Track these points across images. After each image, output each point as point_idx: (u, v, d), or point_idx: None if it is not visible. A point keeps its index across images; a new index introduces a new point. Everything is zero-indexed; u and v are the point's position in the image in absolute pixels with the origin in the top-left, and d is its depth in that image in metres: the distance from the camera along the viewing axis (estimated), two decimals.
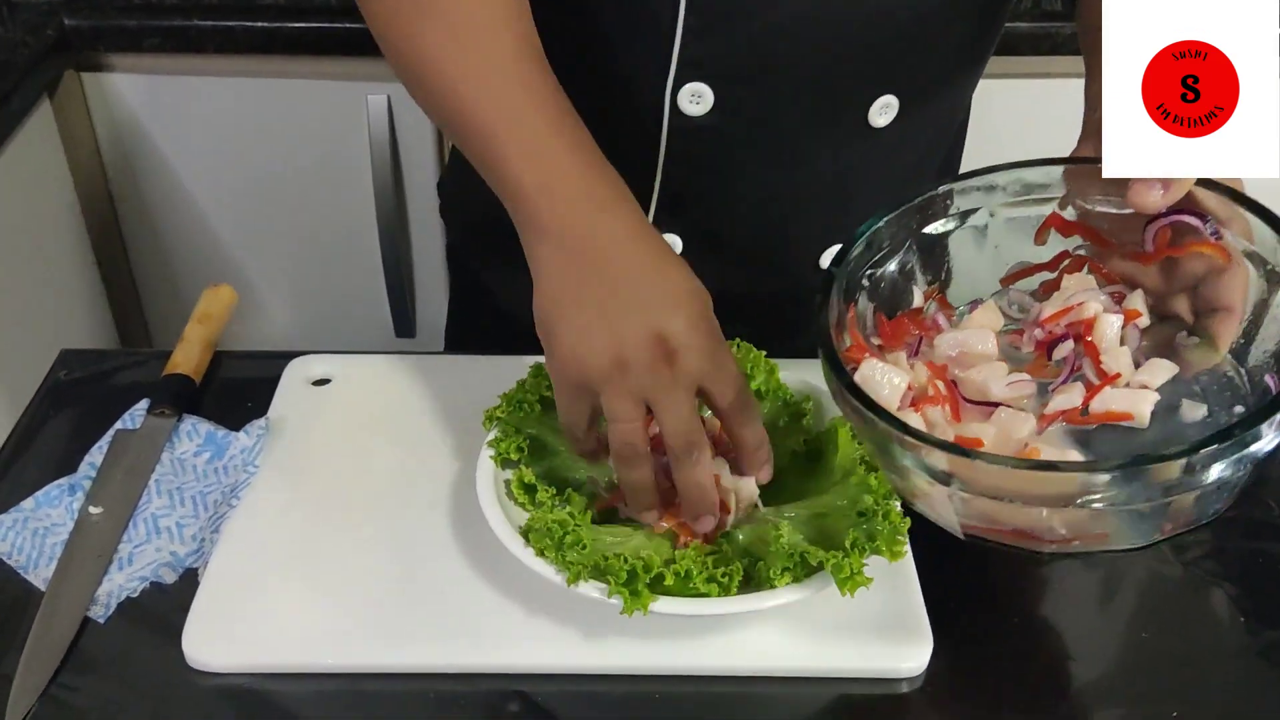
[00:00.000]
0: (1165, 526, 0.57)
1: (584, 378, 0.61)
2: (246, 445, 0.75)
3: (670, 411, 0.60)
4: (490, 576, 0.67)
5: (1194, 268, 0.60)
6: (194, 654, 0.63)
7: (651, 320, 0.60)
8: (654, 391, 0.60)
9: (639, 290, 0.61)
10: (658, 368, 0.60)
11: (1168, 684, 0.64)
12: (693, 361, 0.60)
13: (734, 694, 0.63)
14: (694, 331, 0.61)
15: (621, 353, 0.60)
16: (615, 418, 0.61)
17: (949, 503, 0.57)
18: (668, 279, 0.63)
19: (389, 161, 1.40)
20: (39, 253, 1.37)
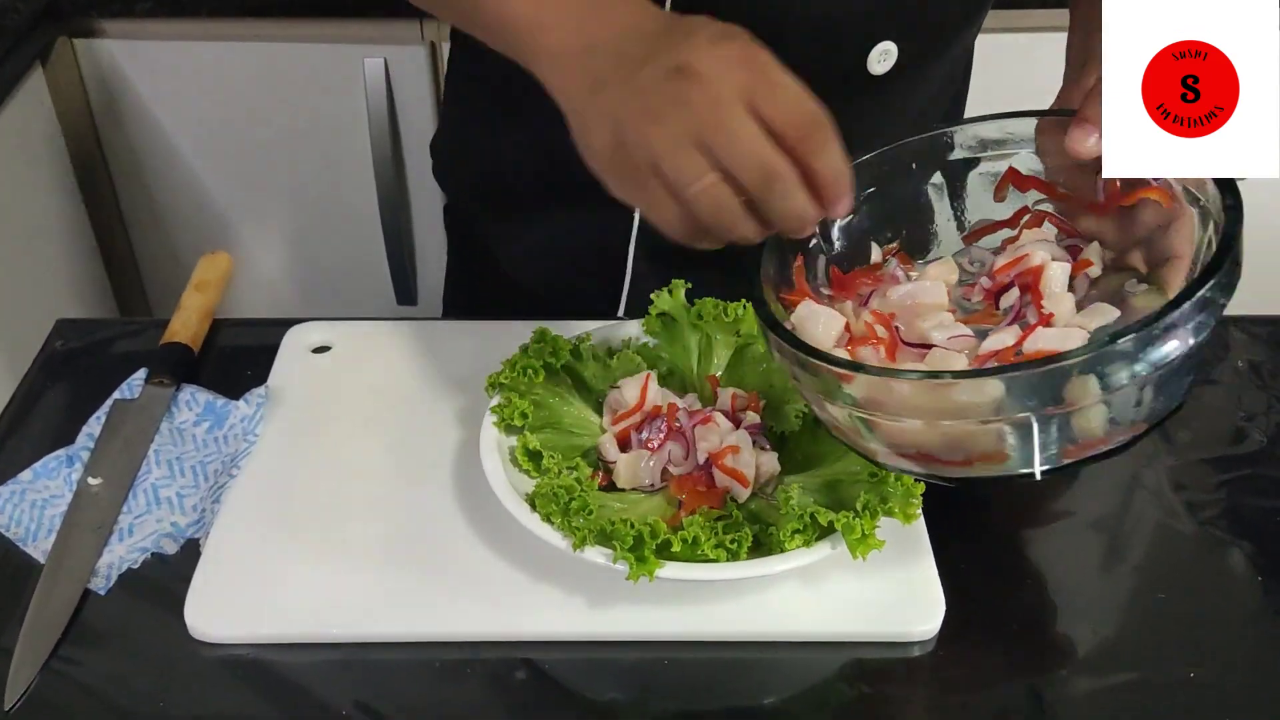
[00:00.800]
0: (1068, 449, 0.55)
1: (629, 162, 0.53)
2: (246, 414, 0.74)
3: (728, 141, 0.50)
4: (495, 543, 0.66)
5: (1146, 219, 0.60)
6: (196, 625, 0.62)
7: (666, 59, 0.52)
8: (700, 127, 0.50)
9: (648, 44, 0.54)
10: (689, 96, 0.51)
11: (1182, 645, 0.64)
12: (729, 75, 0.51)
13: (744, 659, 0.62)
14: (720, 44, 0.52)
15: (645, 104, 0.52)
16: (683, 182, 0.51)
17: (857, 428, 0.57)
18: (678, 25, 0.55)
19: (387, 125, 1.38)
20: (34, 222, 1.36)
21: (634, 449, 0.68)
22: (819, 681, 0.63)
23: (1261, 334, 0.84)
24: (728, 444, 0.66)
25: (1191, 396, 0.77)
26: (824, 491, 0.65)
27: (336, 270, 1.55)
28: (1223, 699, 0.61)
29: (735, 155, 0.50)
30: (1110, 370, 0.51)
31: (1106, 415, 0.54)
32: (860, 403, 0.55)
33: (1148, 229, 0.59)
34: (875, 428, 0.57)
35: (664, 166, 0.51)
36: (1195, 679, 0.62)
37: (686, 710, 0.61)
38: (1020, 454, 0.55)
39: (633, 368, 0.73)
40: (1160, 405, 0.55)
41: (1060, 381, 0.51)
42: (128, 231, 1.51)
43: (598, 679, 0.62)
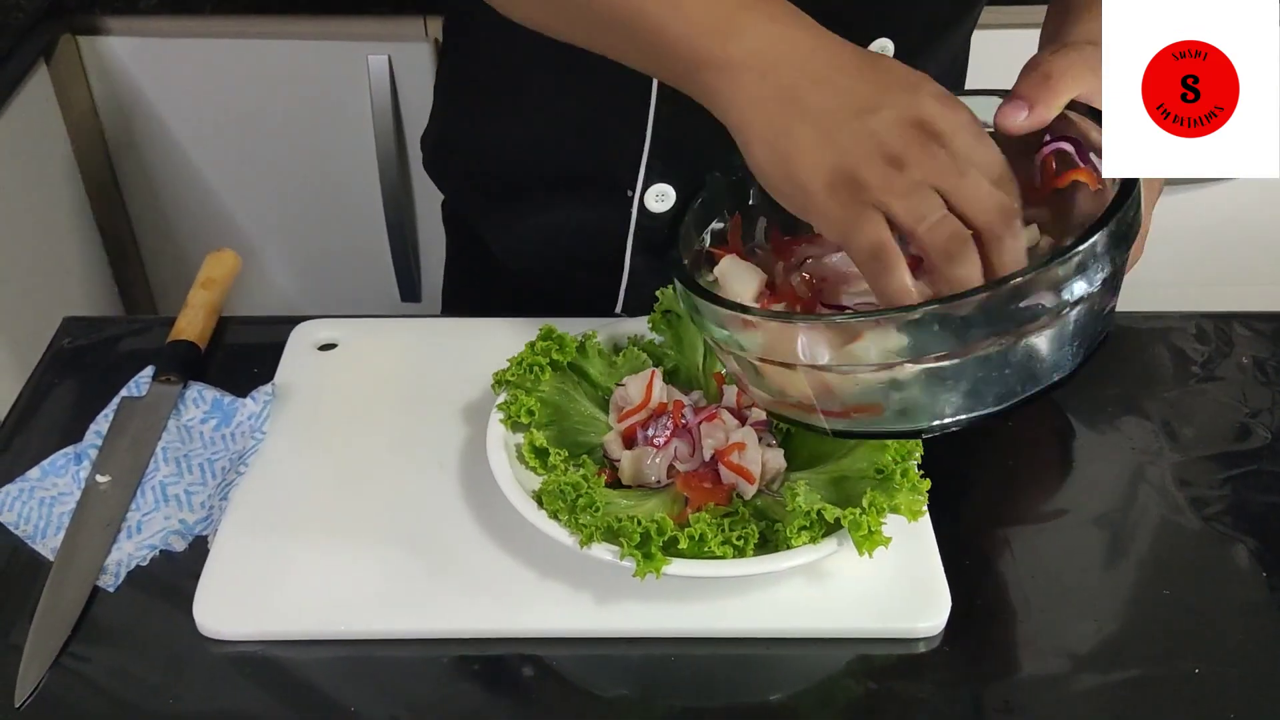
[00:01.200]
0: (943, 410, 0.56)
1: (861, 197, 0.53)
2: (253, 411, 0.74)
3: (970, 190, 0.53)
4: (502, 540, 0.66)
5: (1081, 204, 0.60)
6: (205, 622, 0.63)
7: (899, 111, 0.54)
8: (943, 177, 0.53)
9: (866, 87, 0.55)
10: (932, 151, 0.53)
11: (1188, 641, 0.64)
12: (963, 136, 0.54)
13: (750, 656, 0.63)
14: (948, 107, 0.55)
15: (888, 151, 0.53)
16: (920, 217, 0.53)
17: (744, 374, 0.59)
18: (887, 70, 0.56)
19: (391, 122, 1.38)
20: (39, 220, 1.36)
21: (640, 446, 0.68)
22: (825, 678, 0.63)
23: (1265, 330, 0.84)
24: (734, 441, 0.66)
25: (1197, 393, 0.79)
26: (830, 488, 0.65)
27: (341, 267, 1.55)
28: (1227, 694, 0.61)
29: (974, 200, 0.53)
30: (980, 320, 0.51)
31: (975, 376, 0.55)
32: (744, 345, 0.57)
33: (1083, 214, 0.59)
34: (761, 373, 0.58)
35: (899, 205, 0.53)
36: (1200, 674, 0.62)
37: (693, 706, 0.61)
38: (896, 409, 0.56)
39: (638, 365, 0.73)
40: (1047, 370, 0.56)
41: (926, 332, 0.52)
42: (133, 229, 1.51)
43: (604, 675, 0.63)
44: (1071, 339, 0.56)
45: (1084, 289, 0.53)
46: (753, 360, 0.58)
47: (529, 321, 0.75)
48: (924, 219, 0.53)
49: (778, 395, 0.60)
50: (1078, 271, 0.52)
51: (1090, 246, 0.52)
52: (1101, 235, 0.52)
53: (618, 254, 0.86)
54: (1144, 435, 0.76)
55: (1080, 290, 0.53)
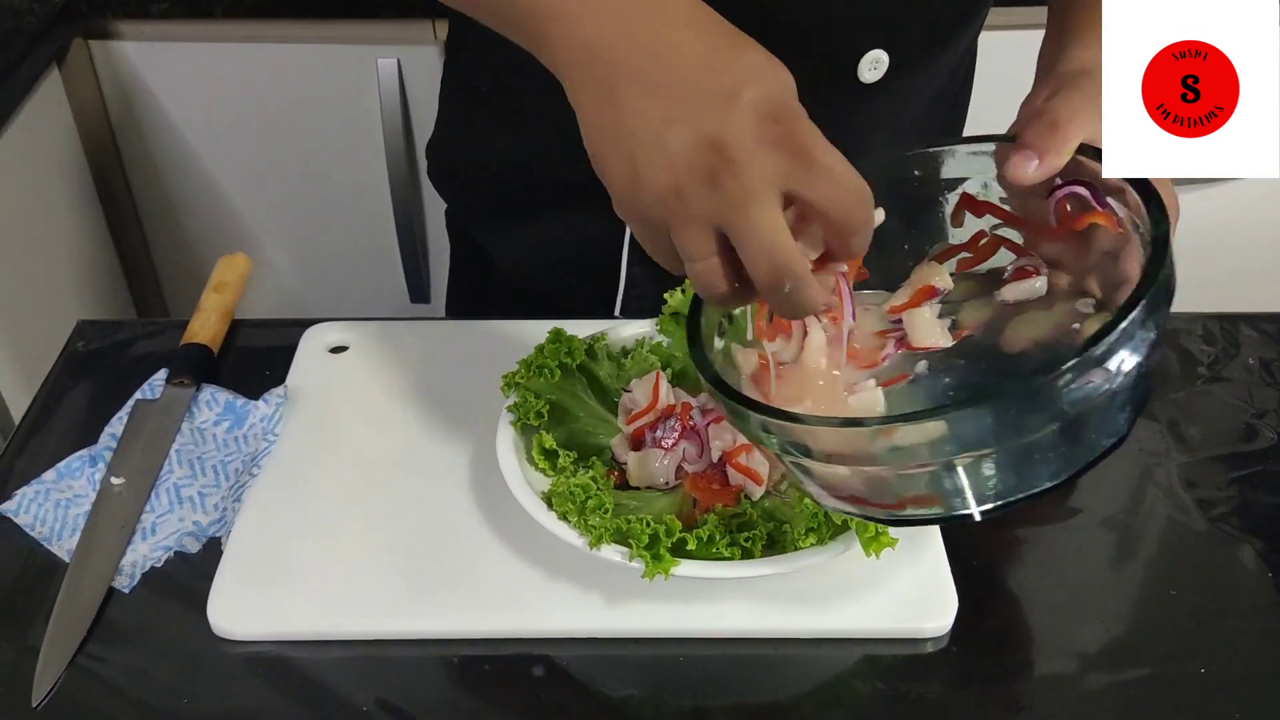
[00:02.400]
0: (1000, 491, 0.54)
1: (643, 213, 0.51)
2: (266, 414, 0.75)
3: (746, 236, 0.49)
4: (512, 542, 0.67)
5: (1099, 244, 0.59)
6: (219, 622, 0.63)
7: (702, 125, 0.49)
8: (722, 214, 0.49)
9: (686, 90, 0.50)
10: (719, 180, 0.48)
11: (1194, 642, 0.64)
12: (763, 163, 0.48)
13: (758, 656, 0.63)
14: (759, 123, 0.49)
15: (671, 175, 0.49)
16: (687, 256, 0.51)
17: (798, 475, 0.57)
18: (724, 65, 0.50)
19: (400, 125, 1.39)
20: (52, 223, 1.37)
21: (648, 448, 0.69)
22: (832, 678, 0.64)
23: (1272, 331, 0.84)
24: (741, 442, 0.67)
25: (1203, 394, 0.79)
26: None
27: (350, 269, 1.56)
28: (1234, 695, 0.61)
29: (749, 249, 0.49)
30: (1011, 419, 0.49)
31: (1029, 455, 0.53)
32: (789, 449, 0.54)
33: (1100, 254, 0.59)
34: (808, 472, 0.56)
35: (674, 234, 0.51)
36: (1206, 675, 0.62)
37: (701, 706, 0.62)
38: (951, 497, 0.54)
39: (647, 367, 0.74)
40: (1100, 439, 0.54)
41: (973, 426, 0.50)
42: (144, 233, 1.52)
43: (613, 676, 0.63)
44: (1125, 403, 0.54)
45: (1134, 359, 0.50)
46: (801, 461, 0.55)
47: (537, 324, 0.75)
48: (691, 259, 0.51)
49: (829, 489, 0.57)
50: (1124, 342, 0.50)
51: (1134, 319, 0.49)
52: (1141, 305, 0.50)
53: (615, 263, 0.86)
54: (1151, 436, 0.76)
55: (1130, 360, 0.50)
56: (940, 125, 0.89)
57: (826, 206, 0.49)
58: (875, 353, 0.61)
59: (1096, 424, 0.53)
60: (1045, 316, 0.60)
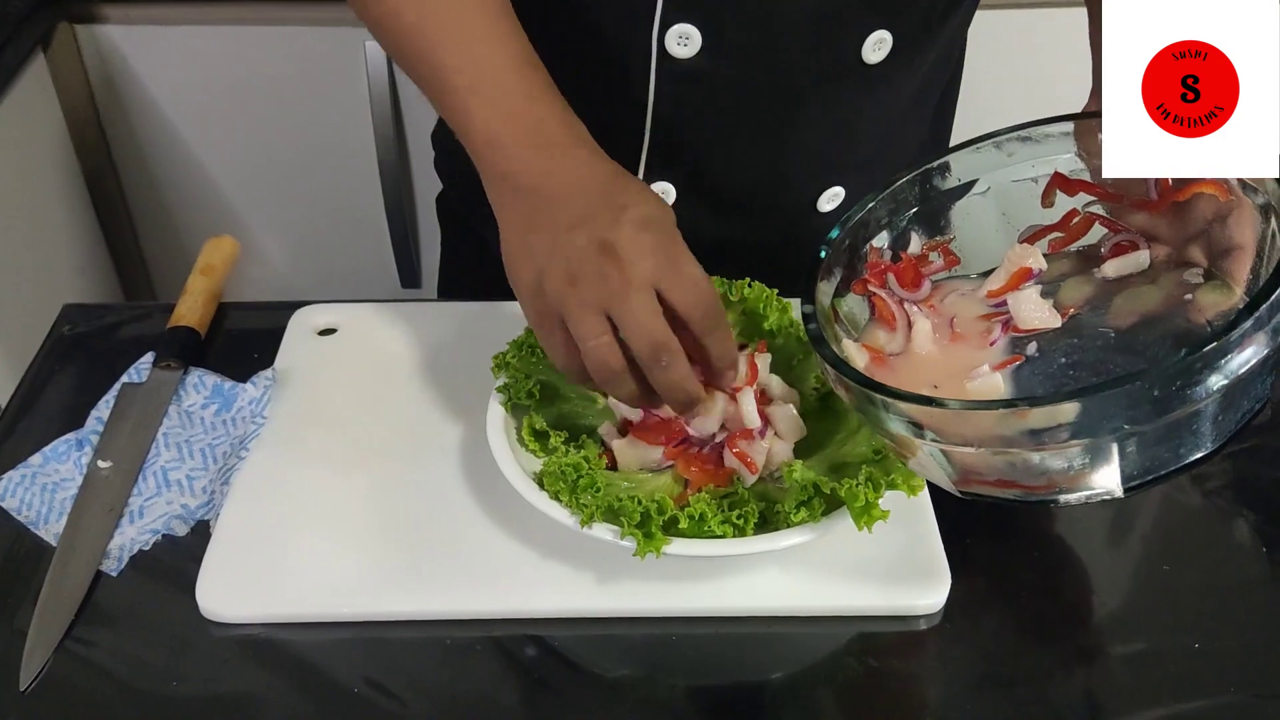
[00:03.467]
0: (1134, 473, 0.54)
1: (545, 306, 0.61)
2: (254, 396, 0.75)
3: (629, 316, 0.58)
4: (503, 522, 0.67)
5: (1202, 211, 0.59)
6: (208, 605, 0.63)
7: (597, 231, 0.59)
8: (609, 300, 0.58)
9: (587, 210, 0.60)
10: (606, 273, 0.58)
11: (1188, 616, 0.64)
12: (642, 262, 0.59)
13: (751, 634, 0.63)
14: (642, 233, 0.59)
15: (569, 268, 0.59)
16: (581, 337, 0.59)
17: (932, 459, 0.56)
18: (617, 193, 0.61)
19: (389, 109, 1.38)
20: (37, 207, 1.36)
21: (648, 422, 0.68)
22: (826, 656, 0.64)
23: None
24: (748, 428, 0.66)
25: None
26: (830, 474, 0.65)
27: (340, 254, 1.55)
28: (1228, 668, 0.61)
29: (631, 327, 0.58)
30: (1178, 387, 0.49)
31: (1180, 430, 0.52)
32: (930, 433, 0.55)
33: (1204, 222, 0.59)
34: (950, 457, 0.56)
35: (570, 321, 0.59)
36: (1201, 649, 0.62)
37: (694, 685, 0.61)
38: (1101, 473, 0.54)
39: None
40: (1247, 404, 0.53)
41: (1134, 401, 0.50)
42: (131, 216, 1.51)
43: (606, 655, 0.63)
44: (1276, 365, 0.53)
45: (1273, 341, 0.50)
46: (939, 447, 0.56)
47: None
48: (583, 340, 0.59)
49: (973, 474, 0.57)
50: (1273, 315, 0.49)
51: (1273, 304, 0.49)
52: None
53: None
54: None
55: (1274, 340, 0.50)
56: (937, 104, 0.89)
57: (688, 308, 0.60)
58: (983, 338, 0.61)
59: (1245, 391, 0.52)
60: (1152, 290, 0.60)
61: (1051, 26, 1.27)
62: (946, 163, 0.66)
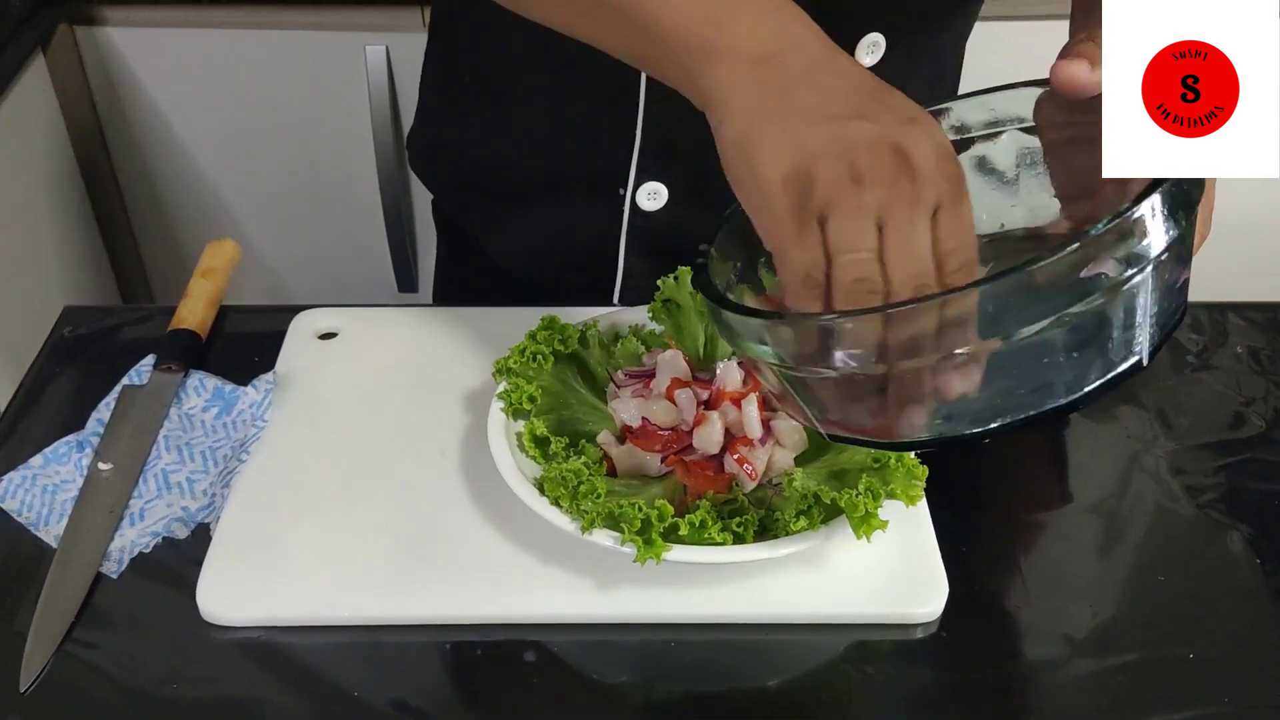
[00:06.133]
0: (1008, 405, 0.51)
1: (808, 194, 0.50)
2: (255, 400, 0.75)
3: (906, 238, 0.50)
4: (503, 527, 0.67)
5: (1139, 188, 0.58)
6: (209, 608, 0.63)
7: (887, 131, 0.51)
8: (893, 209, 0.50)
9: (863, 103, 0.52)
10: (899, 182, 0.50)
11: (1182, 627, 0.64)
12: (937, 184, 0.50)
13: (749, 641, 0.63)
14: (938, 152, 0.51)
15: (855, 163, 0.50)
16: (847, 246, 0.50)
17: (787, 389, 0.54)
18: (892, 98, 0.53)
19: (388, 113, 1.38)
20: (36, 209, 1.36)
21: None
22: (823, 663, 0.64)
23: (1260, 320, 0.85)
24: (743, 435, 0.66)
25: (1192, 382, 0.79)
26: (829, 482, 0.65)
27: (337, 257, 1.55)
28: (1221, 679, 0.62)
29: (905, 254, 0.50)
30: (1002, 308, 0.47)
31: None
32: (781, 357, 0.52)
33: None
34: (806, 387, 0.54)
35: (838, 222, 0.50)
36: (1195, 659, 0.62)
37: (692, 692, 0.62)
38: (956, 409, 0.51)
39: (636, 353, 0.74)
40: (1115, 355, 0.51)
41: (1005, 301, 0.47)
42: (130, 219, 1.51)
43: (605, 661, 0.63)
44: (1146, 317, 0.50)
45: (1154, 249, 0.48)
46: (795, 373, 0.53)
47: (529, 311, 0.75)
48: (847, 249, 0.50)
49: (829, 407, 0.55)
50: (1140, 235, 0.48)
51: (1151, 203, 0.48)
52: (1161, 192, 0.48)
53: (611, 255, 0.86)
54: (1139, 424, 0.77)
55: (1150, 249, 0.48)
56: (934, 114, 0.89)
57: (953, 253, 0.51)
58: None
59: (1111, 334, 0.50)
60: None
61: (1050, 38, 1.28)
62: None
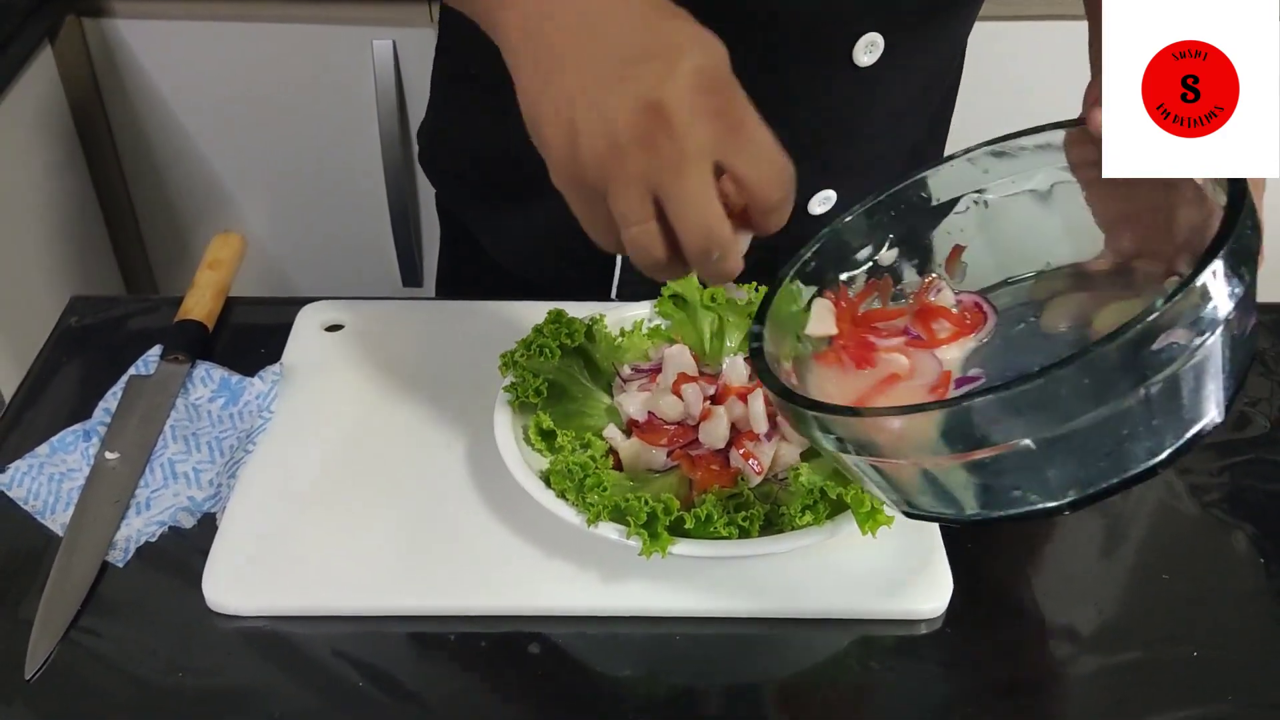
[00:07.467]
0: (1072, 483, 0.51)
1: (580, 175, 0.51)
2: (261, 391, 0.75)
3: (680, 200, 0.49)
4: (509, 519, 0.67)
5: (1185, 221, 0.58)
6: (214, 597, 0.63)
7: (641, 88, 0.49)
8: (658, 174, 0.49)
9: (624, 53, 0.50)
10: (657, 143, 0.49)
11: (1186, 625, 0.64)
12: (698, 130, 0.49)
13: (754, 636, 0.63)
14: (698, 91, 0.49)
15: (612, 134, 0.49)
16: (623, 221, 0.51)
17: (865, 476, 0.55)
18: (659, 31, 0.51)
19: (395, 107, 1.38)
20: (42, 201, 1.36)
21: None
22: (827, 659, 0.64)
23: (1266, 322, 0.85)
24: (747, 430, 0.67)
25: None
26: (835, 477, 0.65)
27: (342, 252, 1.55)
28: (1225, 678, 0.62)
29: (682, 214, 0.50)
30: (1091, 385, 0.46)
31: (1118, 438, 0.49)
32: (859, 447, 0.52)
33: (1188, 231, 0.57)
34: (881, 472, 0.54)
35: (611, 198, 0.51)
36: (1198, 658, 0.62)
37: (696, 686, 0.62)
38: (1037, 486, 0.51)
39: (642, 348, 0.74)
40: (1195, 413, 0.49)
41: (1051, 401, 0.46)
42: (135, 211, 1.51)
43: (609, 654, 0.63)
44: (1219, 371, 0.49)
45: (1221, 312, 0.47)
46: (869, 464, 0.53)
47: (534, 305, 0.75)
48: (628, 224, 0.51)
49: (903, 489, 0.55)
50: (1205, 300, 0.46)
51: (1213, 268, 0.46)
52: (1222, 255, 0.47)
53: (609, 253, 0.86)
54: None
55: (1218, 312, 0.47)
56: (931, 116, 0.89)
57: (753, 180, 0.50)
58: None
59: (1188, 394, 0.49)
60: (1135, 304, 0.57)
61: (1050, 38, 1.28)
62: (923, 180, 0.64)
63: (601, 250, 0.58)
